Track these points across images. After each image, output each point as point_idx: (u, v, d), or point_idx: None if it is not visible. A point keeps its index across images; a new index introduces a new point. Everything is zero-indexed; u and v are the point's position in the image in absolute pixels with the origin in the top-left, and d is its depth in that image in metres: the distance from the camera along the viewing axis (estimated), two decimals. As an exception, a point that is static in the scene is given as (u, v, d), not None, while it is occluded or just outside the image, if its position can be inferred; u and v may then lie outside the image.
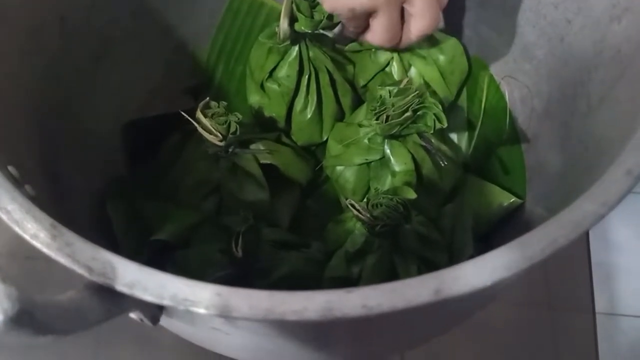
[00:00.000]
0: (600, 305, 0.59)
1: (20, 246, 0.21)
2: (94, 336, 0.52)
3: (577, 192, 0.33)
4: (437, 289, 0.21)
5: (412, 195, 0.37)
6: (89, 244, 0.22)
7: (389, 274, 0.40)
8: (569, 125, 0.39)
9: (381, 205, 0.37)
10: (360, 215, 0.37)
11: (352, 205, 0.38)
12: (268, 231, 0.41)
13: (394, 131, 0.43)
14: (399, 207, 0.37)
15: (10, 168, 0.28)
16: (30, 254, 0.29)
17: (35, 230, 0.23)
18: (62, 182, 0.37)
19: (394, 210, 0.37)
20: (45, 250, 0.22)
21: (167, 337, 0.52)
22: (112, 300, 0.22)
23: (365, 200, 0.40)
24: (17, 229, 0.23)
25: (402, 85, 0.43)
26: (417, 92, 0.41)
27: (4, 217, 0.23)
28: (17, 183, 0.27)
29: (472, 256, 0.40)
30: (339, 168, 0.48)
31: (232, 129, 0.42)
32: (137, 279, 0.21)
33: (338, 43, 0.51)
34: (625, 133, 0.29)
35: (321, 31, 0.45)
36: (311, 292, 0.21)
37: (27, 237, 0.23)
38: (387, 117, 0.42)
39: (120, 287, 0.21)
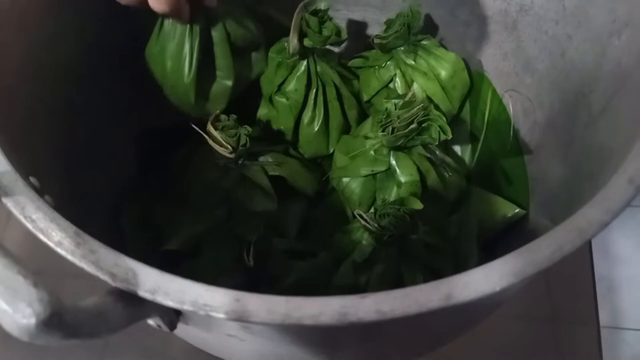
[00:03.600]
0: (603, 318, 0.59)
1: (28, 261, 0.21)
2: (100, 348, 0.53)
3: (580, 201, 0.34)
4: (448, 294, 0.21)
5: (418, 205, 0.38)
6: (111, 250, 0.23)
7: (396, 283, 0.41)
8: (571, 136, 0.40)
9: (388, 216, 0.38)
10: (367, 225, 0.38)
11: (360, 216, 0.38)
12: (277, 241, 0.42)
13: (400, 143, 0.44)
14: (406, 217, 0.38)
15: (31, 179, 0.28)
16: (40, 268, 0.30)
17: (60, 237, 0.23)
18: (79, 187, 0.38)
19: (401, 220, 0.38)
20: (70, 257, 0.23)
21: (173, 349, 0.52)
22: (134, 305, 0.23)
23: (372, 210, 0.41)
24: (42, 237, 0.24)
25: (407, 98, 0.44)
26: (422, 104, 0.42)
27: (29, 226, 0.24)
28: (39, 193, 0.28)
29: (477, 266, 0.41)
30: (345, 179, 0.48)
31: (242, 142, 0.43)
32: (158, 285, 0.22)
33: (342, 58, 0.52)
34: (626, 141, 0.30)
35: (329, 47, 0.47)
36: (327, 297, 0.22)
37: (52, 244, 0.23)
38: (393, 129, 0.43)
39: (143, 293, 0.22)
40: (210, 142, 0.42)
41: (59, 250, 0.23)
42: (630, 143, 0.28)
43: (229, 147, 0.42)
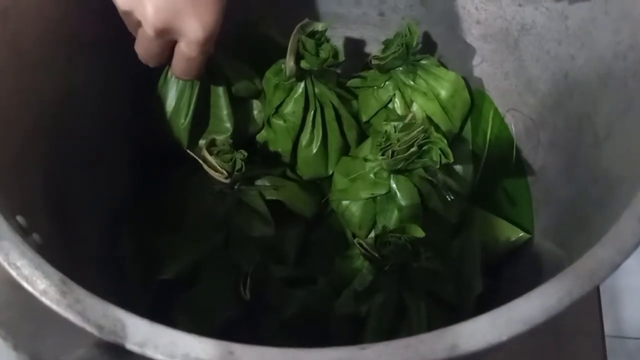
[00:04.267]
0: (606, 328, 0.58)
1: (14, 301, 0.20)
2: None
3: (587, 229, 0.33)
4: (452, 344, 0.20)
5: (420, 234, 0.37)
6: (99, 300, 0.22)
7: (397, 311, 0.40)
8: (575, 157, 0.39)
9: (389, 244, 0.37)
10: (368, 254, 0.37)
11: (360, 244, 0.37)
12: (276, 269, 0.41)
13: (400, 166, 0.43)
14: (407, 245, 0.37)
15: (18, 218, 0.27)
16: (25, 311, 0.29)
17: (45, 286, 0.22)
18: (70, 218, 0.37)
19: (402, 249, 0.37)
20: (55, 307, 0.22)
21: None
22: (122, 358, 0.22)
23: (372, 237, 0.40)
24: (26, 285, 0.23)
25: (406, 121, 0.43)
26: (422, 127, 0.41)
27: (14, 274, 0.23)
28: (25, 233, 0.27)
29: (481, 294, 0.40)
30: (344, 202, 0.47)
31: (238, 167, 0.42)
32: (148, 337, 0.21)
33: (340, 77, 0.51)
34: (635, 169, 0.29)
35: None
36: (324, 349, 0.21)
37: (36, 293, 0.22)
38: (393, 152, 0.42)
39: (131, 346, 0.21)
40: (206, 167, 0.41)
41: (43, 299, 0.22)
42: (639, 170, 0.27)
43: (225, 172, 0.41)
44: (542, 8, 0.41)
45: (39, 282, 0.23)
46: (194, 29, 0.36)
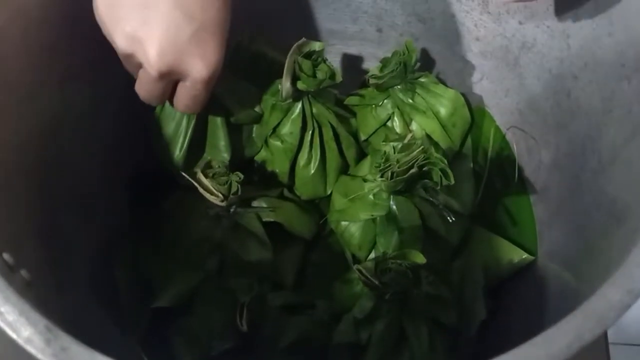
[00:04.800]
0: (610, 335, 0.57)
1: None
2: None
3: (594, 255, 0.32)
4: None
5: (421, 260, 0.36)
6: (85, 348, 0.21)
7: (398, 337, 0.39)
8: (579, 181, 0.38)
9: (390, 271, 0.36)
10: (368, 282, 0.36)
11: (360, 271, 0.36)
12: (273, 296, 0.40)
13: (400, 187, 0.42)
14: (408, 272, 0.36)
15: (4, 255, 0.27)
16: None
17: (29, 333, 0.22)
18: (61, 246, 0.36)
19: (402, 276, 0.36)
20: (40, 356, 0.21)
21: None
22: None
23: (372, 260, 0.39)
24: (10, 332, 0.22)
25: (406, 141, 0.42)
26: (422, 147, 0.40)
27: (-3, 320, 0.22)
28: (12, 271, 0.26)
29: (484, 320, 0.39)
30: (344, 222, 0.46)
31: (234, 189, 0.41)
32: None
33: (338, 93, 0.50)
34: (641, 199, 0.28)
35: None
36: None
37: (20, 341, 0.21)
38: (392, 173, 0.41)
39: (119, 398, 0.20)
40: (201, 190, 0.41)
41: (28, 348, 0.21)
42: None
43: (220, 195, 0.40)
44: (543, 26, 0.40)
45: (23, 329, 0.22)
46: (198, 69, 0.35)
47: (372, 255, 0.46)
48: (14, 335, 0.22)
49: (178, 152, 0.45)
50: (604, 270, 0.29)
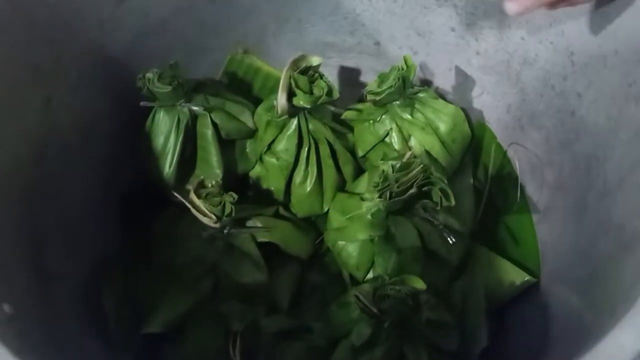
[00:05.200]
0: None
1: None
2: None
3: (602, 283, 0.31)
4: None
5: (421, 285, 0.35)
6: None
7: (399, 364, 0.38)
8: (585, 203, 0.36)
9: (388, 297, 0.35)
10: (366, 309, 0.35)
11: (357, 298, 0.35)
12: (267, 322, 0.38)
13: (398, 207, 0.40)
14: (408, 299, 0.34)
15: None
16: None
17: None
18: (47, 275, 0.35)
19: (401, 303, 0.34)
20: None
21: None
22: None
23: (370, 286, 0.38)
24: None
25: (405, 159, 0.40)
26: (421, 166, 0.39)
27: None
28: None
29: (487, 347, 0.38)
30: (341, 242, 0.45)
31: (227, 211, 0.39)
32: None
33: (335, 106, 0.49)
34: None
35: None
36: None
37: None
38: (391, 193, 0.40)
39: None
40: (194, 211, 0.39)
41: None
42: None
43: (213, 216, 0.39)
44: (546, 42, 0.39)
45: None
46: None
47: (371, 274, 0.45)
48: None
49: (168, 168, 0.44)
50: (612, 300, 0.28)
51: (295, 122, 0.43)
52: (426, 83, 0.49)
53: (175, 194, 0.40)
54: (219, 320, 0.38)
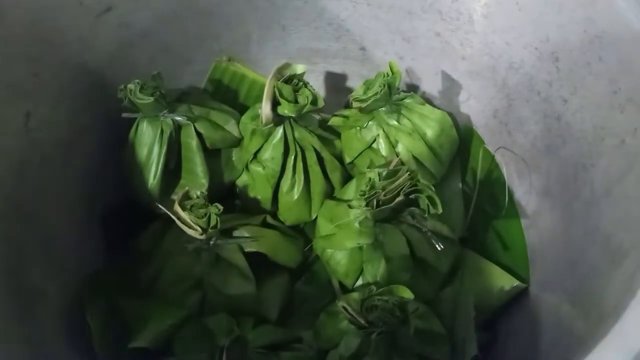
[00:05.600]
0: None
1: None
2: None
3: (590, 292, 0.31)
4: None
5: (409, 295, 0.35)
6: None
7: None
8: (572, 210, 0.36)
9: (376, 309, 0.34)
10: (354, 320, 0.34)
11: (345, 309, 0.35)
12: (256, 335, 0.38)
13: (385, 215, 0.40)
14: (395, 310, 0.34)
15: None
16: None
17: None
18: (30, 297, 0.34)
19: (389, 313, 0.34)
20: None
21: None
22: None
23: (358, 296, 0.37)
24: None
25: (391, 167, 0.40)
26: (408, 173, 0.39)
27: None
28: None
29: (476, 357, 0.37)
30: (329, 250, 0.45)
31: (213, 222, 0.39)
32: None
33: (322, 112, 0.49)
34: (638, 240, 0.27)
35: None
36: None
37: None
38: (378, 201, 0.39)
39: None
40: (179, 223, 0.39)
41: None
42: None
43: (199, 228, 0.38)
44: (530, 47, 0.38)
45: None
46: None
47: (360, 281, 0.44)
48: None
49: (152, 179, 0.43)
50: (601, 311, 0.28)
51: (281, 130, 0.43)
52: (413, 88, 0.49)
53: (160, 206, 0.39)
54: (205, 334, 0.38)
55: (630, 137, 0.30)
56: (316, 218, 0.47)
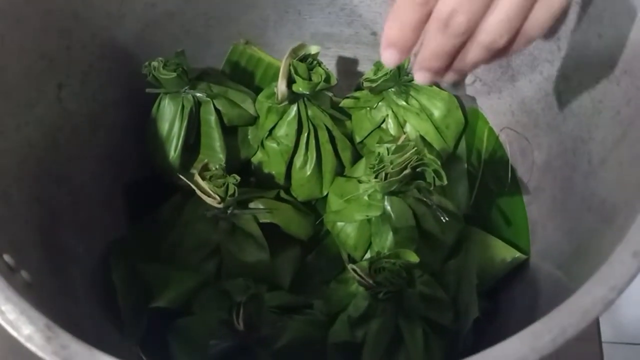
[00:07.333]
0: (604, 334, 0.57)
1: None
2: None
3: (585, 256, 0.33)
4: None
5: (414, 259, 0.37)
6: (84, 346, 0.22)
7: (394, 337, 0.40)
8: (571, 182, 0.38)
9: (383, 270, 0.37)
10: (362, 281, 0.37)
11: (354, 271, 0.37)
12: (270, 297, 0.40)
13: (393, 188, 0.42)
14: (402, 271, 0.36)
15: (5, 256, 0.27)
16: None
17: (30, 331, 0.22)
18: (61, 253, 0.37)
19: (396, 275, 0.36)
20: (40, 353, 0.22)
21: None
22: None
23: (367, 259, 0.40)
24: (11, 330, 0.22)
25: (399, 142, 0.42)
26: (415, 148, 0.41)
27: (-2, 318, 0.22)
28: (12, 272, 0.27)
29: (478, 318, 0.39)
30: (339, 223, 0.47)
31: (231, 191, 0.41)
32: (134, 385, 0.21)
33: (334, 95, 0.51)
34: (630, 200, 0.29)
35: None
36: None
37: (22, 339, 0.22)
38: (386, 174, 0.42)
39: (117, 393, 0.21)
40: (198, 192, 0.41)
41: (29, 345, 0.22)
42: (636, 204, 0.27)
43: (217, 197, 0.41)
44: (534, 29, 0.40)
45: (24, 327, 0.22)
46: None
47: (368, 255, 0.47)
48: (14, 334, 0.22)
49: (173, 152, 0.45)
50: (594, 269, 0.30)
51: (295, 108, 0.45)
52: (421, 71, 0.51)
53: (181, 176, 0.42)
54: (223, 296, 0.40)
55: (625, 107, 0.32)
56: (327, 195, 0.50)
